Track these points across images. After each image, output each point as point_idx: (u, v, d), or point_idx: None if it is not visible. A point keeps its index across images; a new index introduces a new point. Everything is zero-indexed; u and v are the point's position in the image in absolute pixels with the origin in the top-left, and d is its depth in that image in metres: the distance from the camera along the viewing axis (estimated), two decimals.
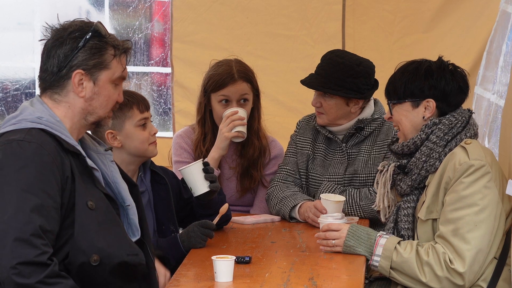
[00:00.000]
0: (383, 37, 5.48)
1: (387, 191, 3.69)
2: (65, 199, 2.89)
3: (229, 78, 4.41)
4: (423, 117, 3.60)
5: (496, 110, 5.17)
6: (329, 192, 4.29)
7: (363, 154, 4.37)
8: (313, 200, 4.22)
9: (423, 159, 3.56)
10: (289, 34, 5.62)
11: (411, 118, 3.62)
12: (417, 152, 3.57)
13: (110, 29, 6.09)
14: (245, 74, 4.45)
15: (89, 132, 3.17)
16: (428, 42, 5.38)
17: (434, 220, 3.53)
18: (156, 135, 3.86)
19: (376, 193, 3.79)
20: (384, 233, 3.57)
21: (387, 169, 3.68)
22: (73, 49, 2.99)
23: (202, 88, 4.50)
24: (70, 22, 3.04)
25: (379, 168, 3.74)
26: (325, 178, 4.39)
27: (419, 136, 3.57)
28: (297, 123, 4.56)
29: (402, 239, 3.56)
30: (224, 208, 3.87)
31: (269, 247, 3.66)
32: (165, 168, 4.05)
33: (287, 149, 4.53)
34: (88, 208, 2.93)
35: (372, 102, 4.44)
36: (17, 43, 6.08)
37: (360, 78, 4.30)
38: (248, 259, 3.39)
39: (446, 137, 3.55)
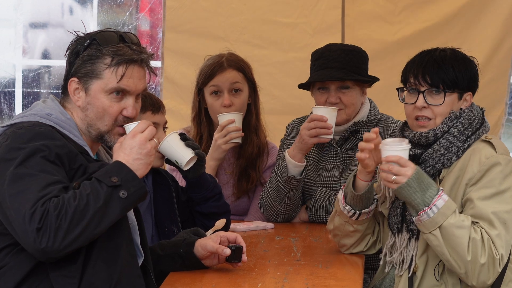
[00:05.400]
0: (383, 27, 5.48)
1: None
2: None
3: (218, 66, 4.47)
4: (461, 109, 3.62)
5: None
6: (325, 196, 4.31)
7: None
8: (306, 204, 4.26)
9: (441, 151, 3.55)
10: (287, 22, 5.64)
11: (455, 109, 3.61)
12: (435, 144, 3.56)
13: (97, 24, 6.09)
14: (236, 63, 4.49)
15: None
16: (431, 33, 5.38)
17: None
18: None
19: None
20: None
21: None
22: (74, 57, 3.10)
23: (196, 85, 4.55)
24: (94, 32, 3.14)
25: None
26: (319, 183, 4.38)
27: (440, 128, 3.57)
28: (286, 127, 4.58)
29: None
30: (220, 222, 3.84)
31: (261, 256, 3.67)
32: (165, 170, 4.07)
33: (278, 154, 4.52)
34: None
35: (367, 102, 4.46)
36: None
37: (367, 64, 4.39)
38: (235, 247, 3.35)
39: (466, 132, 3.56)
